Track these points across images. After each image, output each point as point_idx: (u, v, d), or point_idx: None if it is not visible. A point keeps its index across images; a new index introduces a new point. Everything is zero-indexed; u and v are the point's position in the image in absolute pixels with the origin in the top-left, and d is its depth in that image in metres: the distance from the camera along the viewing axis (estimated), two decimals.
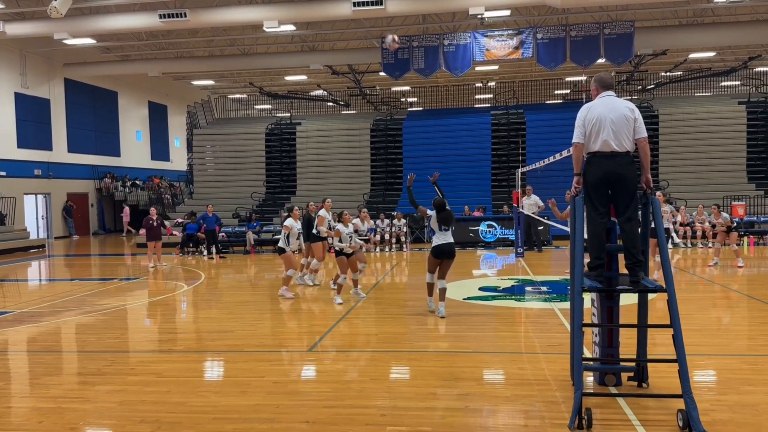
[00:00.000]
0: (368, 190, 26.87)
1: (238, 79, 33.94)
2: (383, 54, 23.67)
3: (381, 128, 28.22)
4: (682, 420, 4.82)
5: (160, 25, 20.50)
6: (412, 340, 8.25)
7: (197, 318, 10.45)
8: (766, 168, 24.63)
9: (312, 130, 28.88)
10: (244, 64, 27.43)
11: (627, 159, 5.46)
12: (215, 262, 18.62)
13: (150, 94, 36.65)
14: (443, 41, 23.21)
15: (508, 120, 27.57)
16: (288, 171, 28.25)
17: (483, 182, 25.50)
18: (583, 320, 5.25)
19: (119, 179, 32.69)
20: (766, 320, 8.93)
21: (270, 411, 5.52)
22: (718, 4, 21.31)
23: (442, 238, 9.41)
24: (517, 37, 22.73)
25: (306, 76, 32.08)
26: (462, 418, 5.25)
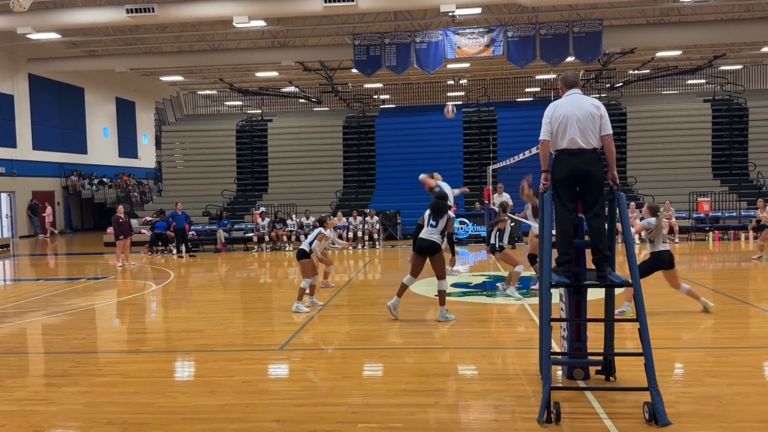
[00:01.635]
0: (341, 187, 26.81)
1: (207, 75, 33.55)
2: (355, 50, 23.62)
3: (353, 125, 28.16)
4: (648, 412, 4.90)
5: (127, 19, 20.14)
6: (384, 337, 8.26)
7: (166, 318, 10.31)
8: (731, 164, 25.20)
9: (283, 126, 28.68)
10: (213, 59, 27.12)
11: (593, 156, 5.53)
12: (185, 260, 18.40)
13: (117, 90, 36.01)
14: (415, 38, 23.24)
15: (479, 117, 27.74)
16: (259, 168, 28.02)
17: (455, 179, 25.51)
18: (552, 315, 5.30)
19: (86, 177, 32.08)
20: (730, 314, 9.13)
21: (240, 410, 5.47)
22: (684, 4, 21.72)
23: (425, 233, 8.94)
24: (487, 35, 22.87)
25: (277, 73, 31.84)
26: (433, 414, 5.27)
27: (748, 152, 25.30)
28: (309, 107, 34.24)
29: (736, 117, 25.74)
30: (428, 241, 8.86)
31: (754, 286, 11.57)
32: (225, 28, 24.06)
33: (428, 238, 8.87)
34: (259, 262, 17.89)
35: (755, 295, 10.42)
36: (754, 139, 25.36)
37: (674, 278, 8.81)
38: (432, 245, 8.85)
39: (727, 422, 4.91)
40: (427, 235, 8.91)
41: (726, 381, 5.90)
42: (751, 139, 25.42)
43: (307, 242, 10.14)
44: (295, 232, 21.30)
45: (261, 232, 21.13)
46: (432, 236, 8.88)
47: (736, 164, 25.18)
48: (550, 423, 4.90)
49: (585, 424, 4.97)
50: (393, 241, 22.30)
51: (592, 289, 5.74)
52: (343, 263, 17.10)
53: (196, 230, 22.14)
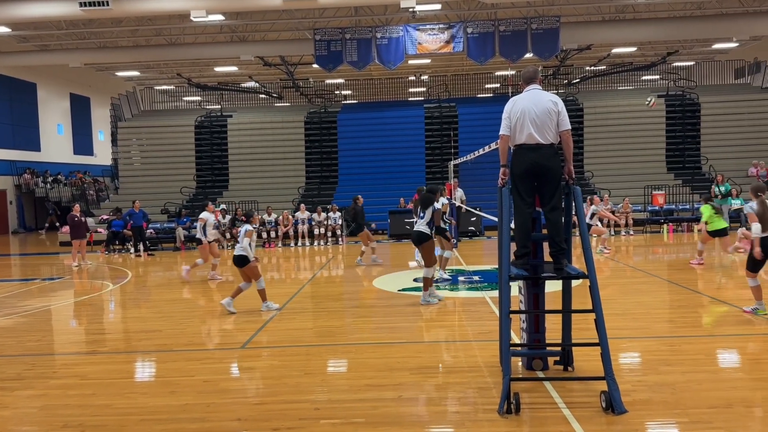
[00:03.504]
0: (303, 183, 26.65)
1: (165, 69, 32.89)
2: (316, 45, 23.47)
3: (315, 121, 27.99)
4: (605, 401, 5.02)
5: (80, 13, 19.58)
6: (348, 333, 8.26)
7: (124, 318, 10.11)
8: (684, 158, 25.92)
9: (244, 122, 28.34)
10: (171, 54, 26.57)
11: (551, 151, 5.62)
12: (143, 259, 18.05)
13: (71, 85, 35.03)
14: (376, 34, 23.21)
15: (440, 113, 27.89)
16: (219, 165, 27.63)
17: (417, 174, 25.71)
18: (511, 307, 5.38)
19: (40, 175, 31.15)
20: (683, 303, 9.41)
21: (200, 410, 5.40)
22: (638, 1, 22.20)
23: (416, 225, 9.68)
24: (448, 31, 22.99)
25: (236, 68, 31.42)
26: (395, 408, 5.30)
27: (701, 146, 26.06)
28: (270, 102, 33.87)
29: (689, 112, 26.47)
30: (416, 232, 9.57)
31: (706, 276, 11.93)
32: (182, 23, 23.62)
33: (416, 229, 9.57)
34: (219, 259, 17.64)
35: (707, 285, 10.75)
36: (706, 133, 26.13)
37: None
38: (419, 235, 9.52)
39: (681, 409, 5.07)
40: (416, 226, 9.59)
41: (679, 369, 6.08)
42: (703, 133, 26.17)
43: (241, 246, 9.60)
44: (257, 229, 21.06)
45: (222, 230, 20.84)
46: (420, 227, 9.52)
47: (689, 158, 25.91)
48: (510, 414, 4.98)
49: (544, 413, 5.06)
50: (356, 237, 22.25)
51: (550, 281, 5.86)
52: (306, 260, 17.02)
53: (155, 228, 21.74)
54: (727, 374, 6.15)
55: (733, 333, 7.46)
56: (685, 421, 4.85)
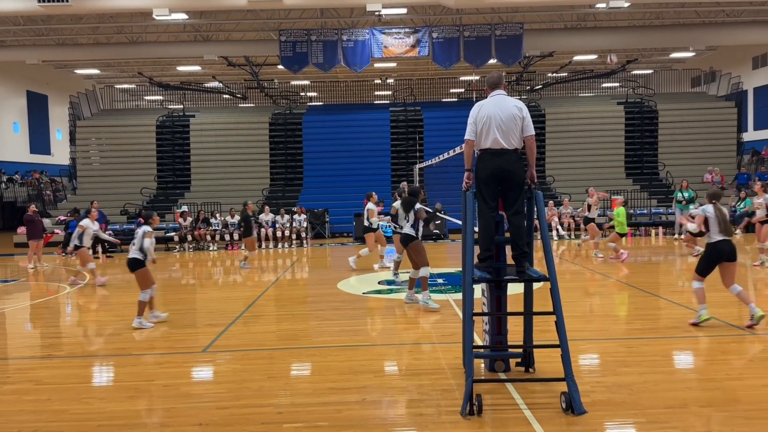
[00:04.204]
0: (268, 185, 26.43)
1: (126, 68, 32.25)
2: (281, 46, 23.34)
3: (280, 122, 27.80)
4: (564, 402, 5.11)
5: (39, 9, 19.07)
6: (312, 336, 8.22)
7: (82, 321, 9.87)
8: (642, 164, 26.57)
9: (207, 122, 27.96)
10: (132, 52, 26.05)
11: (515, 156, 5.70)
12: (101, 261, 17.65)
13: (28, 83, 34.05)
14: (342, 36, 23.19)
15: (406, 117, 28.01)
16: (181, 165, 27.19)
17: (383, 177, 25.77)
18: (474, 310, 5.43)
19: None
20: (642, 306, 9.64)
21: (160, 415, 5.31)
22: (599, 10, 22.67)
23: (404, 228, 9.80)
24: (413, 36, 23.11)
25: (200, 67, 30.99)
26: (359, 411, 5.29)
27: (658, 153, 26.76)
28: (233, 103, 33.48)
29: (647, 119, 27.16)
30: (403, 234, 9.75)
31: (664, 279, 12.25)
32: (145, 21, 23.20)
33: (403, 232, 9.76)
34: (181, 262, 17.40)
35: (665, 288, 11.03)
36: (663, 140, 26.84)
37: None
38: (406, 237, 9.66)
39: (638, 409, 5.19)
40: (404, 230, 9.74)
41: (637, 370, 6.23)
42: (660, 140, 26.88)
43: (137, 248, 8.98)
44: (220, 231, 20.85)
45: (183, 232, 20.56)
46: (405, 229, 9.68)
47: (646, 164, 26.58)
48: (473, 415, 5.03)
49: (506, 414, 5.12)
50: (321, 239, 22.19)
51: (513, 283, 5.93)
52: (270, 262, 16.89)
53: (114, 230, 21.27)
54: (682, 375, 6.31)
55: (688, 335, 7.67)
56: (643, 421, 4.96)
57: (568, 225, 20.46)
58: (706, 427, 4.81)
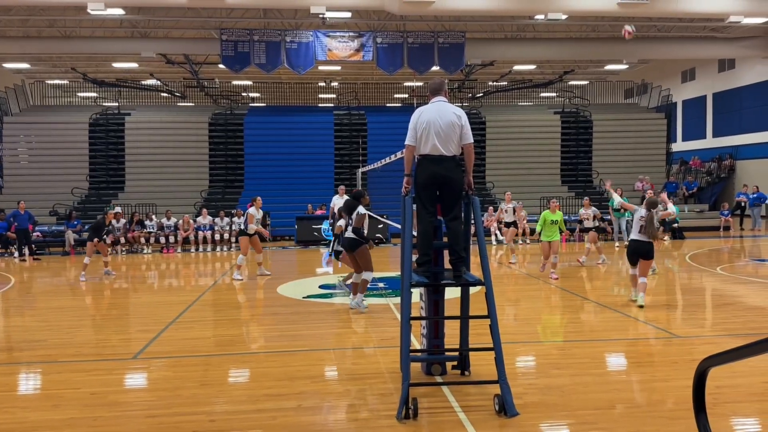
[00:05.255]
0: (207, 186, 25.87)
1: (58, 63, 31.00)
2: (222, 46, 22.94)
3: (221, 122, 27.29)
4: (498, 404, 5.19)
5: None
6: (248, 342, 8.08)
7: (5, 327, 9.38)
8: (577, 172, 27.43)
9: (143, 121, 27.14)
10: (65, 47, 25.08)
11: (453, 162, 5.76)
12: (28, 264, 16.87)
13: None
14: (285, 38, 23.00)
15: (350, 120, 27.99)
16: (115, 165, 26.28)
17: (326, 181, 25.66)
18: (412, 314, 5.46)
19: None
20: (574, 309, 9.92)
21: (86, 424, 5.09)
22: (538, 21, 23.31)
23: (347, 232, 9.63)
24: (358, 40, 23.16)
25: (137, 64, 30.10)
26: (294, 417, 5.22)
27: (592, 161, 27.68)
28: (172, 102, 32.66)
29: (582, 128, 28.06)
30: (346, 239, 9.58)
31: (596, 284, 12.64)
32: (78, 14, 22.37)
33: (347, 236, 9.57)
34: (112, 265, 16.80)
35: (594, 293, 11.39)
36: (597, 148, 27.80)
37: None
38: (350, 242, 9.50)
39: (569, 410, 5.32)
40: (347, 233, 9.59)
41: (568, 372, 6.39)
42: (594, 148, 27.83)
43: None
44: (155, 233, 20.27)
45: (116, 234, 19.88)
46: (349, 234, 9.54)
47: (581, 172, 27.45)
48: (409, 419, 5.04)
49: (441, 417, 5.16)
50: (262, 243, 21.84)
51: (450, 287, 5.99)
52: (208, 266, 16.53)
53: (42, 231, 20.41)
54: (611, 377, 6.52)
55: (617, 337, 7.95)
56: (573, 422, 5.09)
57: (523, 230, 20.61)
58: (633, 428, 4.97)
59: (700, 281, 12.90)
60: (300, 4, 20.27)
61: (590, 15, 22.48)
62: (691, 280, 12.90)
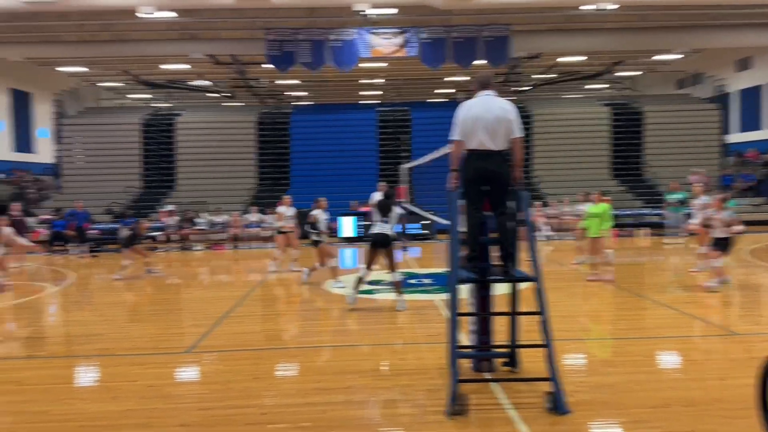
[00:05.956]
0: (254, 184, 26.30)
1: (111, 66, 31.87)
2: (268, 45, 23.24)
3: (268, 121, 27.70)
4: (549, 402, 5.12)
5: (23, 6, 18.86)
6: (297, 337, 8.19)
7: (65, 321, 9.76)
8: (628, 165, 26.75)
9: (193, 121, 27.79)
10: (118, 50, 25.82)
11: (501, 157, 5.69)
12: (85, 261, 17.48)
13: (11, 80, 33.57)
14: (329, 36, 23.13)
15: (394, 117, 28.00)
16: (166, 164, 26.99)
17: (370, 178, 25.71)
18: (460, 310, 5.43)
19: None
20: (626, 307, 9.70)
21: (142, 416, 5.25)
22: (586, 12, 22.78)
23: (377, 227, 9.40)
24: (401, 36, 23.11)
25: (186, 65, 30.73)
26: (343, 411, 5.27)
27: (644, 154, 26.96)
28: (220, 102, 33.30)
29: (633, 120, 27.36)
30: (381, 235, 9.33)
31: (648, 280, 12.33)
32: (130, 18, 22.98)
33: (381, 232, 9.34)
34: (165, 262, 17.26)
35: (649, 289, 11.09)
36: (649, 141, 27.06)
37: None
38: (384, 238, 9.32)
39: (622, 408, 5.21)
40: (380, 229, 9.36)
41: (621, 370, 6.25)
42: (646, 141, 27.09)
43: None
44: (206, 231, 20.72)
45: (168, 232, 20.42)
46: (384, 230, 9.35)
47: (632, 165, 26.76)
48: (458, 415, 5.02)
49: (490, 414, 5.12)
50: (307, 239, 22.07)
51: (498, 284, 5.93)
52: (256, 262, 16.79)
53: (98, 229, 21.09)
54: (665, 374, 6.35)
55: (671, 335, 7.72)
56: (626, 420, 4.98)
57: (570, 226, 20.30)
58: (689, 426, 4.83)
59: (759, 277, 12.43)
60: (344, 2, 20.35)
61: (640, 4, 21.86)
62: (749, 276, 12.43)
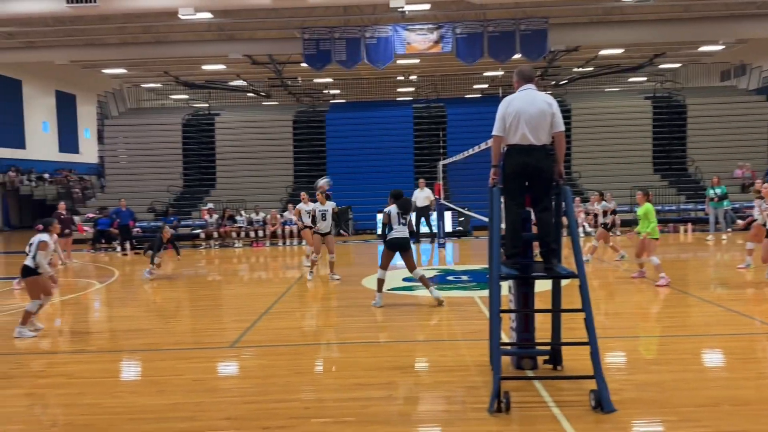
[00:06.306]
0: (291, 182, 26.56)
1: (152, 67, 32.59)
2: (304, 44, 23.41)
3: (304, 120, 27.92)
4: (594, 400, 5.04)
5: (67, 10, 19.39)
6: (337, 333, 8.25)
7: (111, 317, 10.03)
8: (670, 159, 26.14)
9: (231, 121, 28.20)
10: (158, 52, 26.36)
11: (543, 152, 5.62)
12: (129, 258, 17.91)
13: (57, 82, 34.66)
14: (365, 34, 23.18)
15: (429, 113, 27.92)
16: (206, 163, 27.47)
17: (406, 175, 25.73)
18: (501, 307, 5.40)
19: (25, 173, 30.80)
20: (671, 304, 9.48)
21: (189, 409, 5.37)
22: (625, 3, 22.33)
23: (398, 232, 9.45)
24: (436, 32, 23.01)
25: (224, 66, 31.20)
26: (384, 407, 5.29)
27: (687, 148, 26.30)
28: (258, 101, 33.71)
29: (675, 114, 26.70)
30: (404, 239, 9.44)
31: (693, 276, 12.04)
32: (170, 20, 23.43)
33: (403, 236, 9.44)
34: (207, 259, 17.58)
35: (694, 286, 10.84)
36: (692, 135, 26.36)
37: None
38: (407, 242, 9.48)
39: (669, 407, 5.10)
40: (401, 233, 9.44)
41: (668, 368, 6.13)
42: (689, 135, 26.41)
43: (31, 257, 8.27)
44: (245, 228, 21.02)
45: (209, 229, 20.78)
46: (405, 233, 9.49)
47: (675, 159, 26.13)
48: (500, 412, 4.99)
49: (534, 412, 5.08)
50: (342, 237, 22.23)
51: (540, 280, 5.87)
52: (295, 259, 16.96)
53: (141, 227, 21.59)
54: (714, 373, 6.21)
55: (720, 333, 7.53)
56: (674, 419, 4.88)
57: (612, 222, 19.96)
58: (740, 426, 4.71)
59: None
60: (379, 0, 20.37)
61: None
62: None
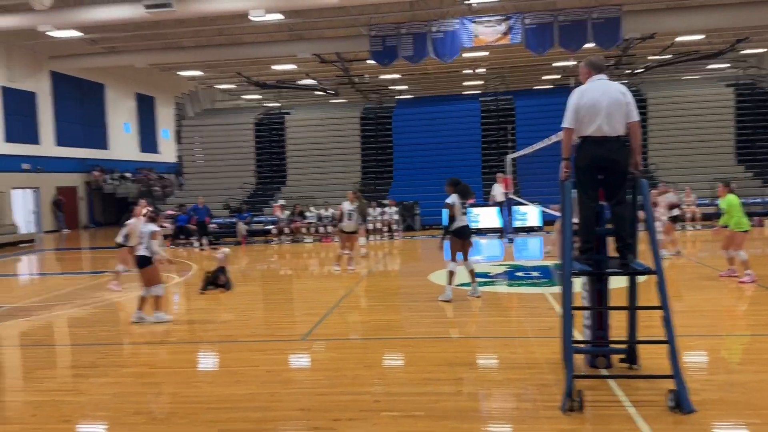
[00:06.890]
0: (359, 178, 26.84)
1: (225, 69, 33.62)
2: (371, 41, 23.55)
3: (371, 116, 28.13)
4: (673, 400, 4.87)
5: (145, 15, 20.26)
6: (405, 327, 8.29)
7: (189, 309, 10.44)
8: (755, 150, 24.76)
9: (301, 119, 28.76)
10: (231, 53, 27.19)
11: (618, 143, 5.45)
12: (206, 253, 18.57)
13: (137, 85, 36.30)
14: (431, 28, 23.08)
15: (497, 106, 27.54)
16: (278, 161, 28.14)
17: (473, 169, 25.50)
18: (574, 303, 5.28)
19: (108, 172, 32.46)
20: (754, 301, 9.02)
21: (264, 399, 5.54)
22: None
23: (462, 221, 9.45)
24: (505, 23, 22.64)
25: (294, 65, 31.82)
26: (455, 402, 5.29)
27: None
28: (326, 99, 34.23)
29: (761, 101, 25.26)
30: (468, 227, 9.49)
31: None
32: (242, 22, 24.09)
33: (467, 224, 9.47)
34: (279, 254, 18.02)
35: None
36: None
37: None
38: (470, 231, 9.52)
39: (753, 409, 4.87)
40: (465, 221, 9.46)
41: (751, 368, 5.85)
42: None
43: (144, 247, 8.87)
44: (315, 224, 21.39)
45: (281, 225, 21.27)
46: (467, 222, 9.51)
47: (760, 150, 24.73)
48: (574, 411, 4.89)
49: (608, 411, 4.96)
50: (411, 232, 22.27)
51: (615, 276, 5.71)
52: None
53: (217, 223, 22.33)
54: None
55: None
56: (759, 422, 4.66)
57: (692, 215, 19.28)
58: None
59: None
60: None
61: None
62: None
